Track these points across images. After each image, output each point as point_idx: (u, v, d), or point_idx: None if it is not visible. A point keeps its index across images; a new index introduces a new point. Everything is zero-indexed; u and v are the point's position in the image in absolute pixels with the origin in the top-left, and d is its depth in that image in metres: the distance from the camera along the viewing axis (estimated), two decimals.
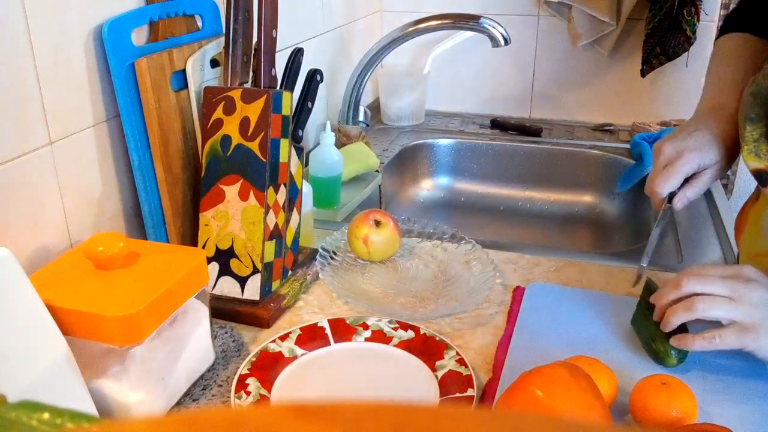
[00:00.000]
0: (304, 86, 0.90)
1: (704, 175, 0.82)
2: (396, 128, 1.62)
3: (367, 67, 1.40)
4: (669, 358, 0.70)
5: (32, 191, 0.72)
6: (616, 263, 0.94)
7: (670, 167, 0.81)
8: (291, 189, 0.86)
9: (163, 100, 0.81)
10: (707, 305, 0.67)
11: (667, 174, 0.81)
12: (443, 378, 0.71)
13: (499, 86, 1.70)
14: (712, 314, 0.67)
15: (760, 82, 0.75)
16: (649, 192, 0.84)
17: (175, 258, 0.67)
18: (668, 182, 0.81)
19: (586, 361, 0.65)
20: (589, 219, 1.49)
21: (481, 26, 1.32)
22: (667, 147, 0.83)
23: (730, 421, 0.63)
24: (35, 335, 0.54)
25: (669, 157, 0.82)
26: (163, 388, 0.65)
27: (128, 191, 0.86)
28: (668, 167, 0.82)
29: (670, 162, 0.82)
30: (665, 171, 0.82)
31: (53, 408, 0.27)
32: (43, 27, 0.71)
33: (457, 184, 1.59)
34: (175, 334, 0.67)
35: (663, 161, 0.83)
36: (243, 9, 0.84)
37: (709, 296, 0.67)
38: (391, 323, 0.79)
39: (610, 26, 1.50)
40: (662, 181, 0.81)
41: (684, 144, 0.82)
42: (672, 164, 0.81)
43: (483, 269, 0.90)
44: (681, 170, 0.81)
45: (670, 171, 0.81)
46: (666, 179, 0.81)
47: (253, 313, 0.81)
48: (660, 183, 0.81)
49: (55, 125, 0.74)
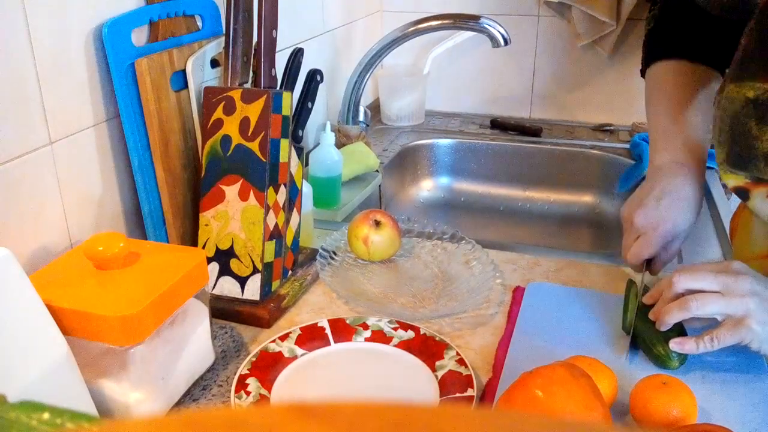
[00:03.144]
0: (304, 86, 0.90)
1: (677, 239, 0.82)
2: (396, 128, 1.62)
3: (367, 67, 1.40)
4: (671, 361, 0.70)
5: (32, 191, 0.72)
6: (616, 263, 0.94)
7: (644, 237, 0.81)
8: (291, 189, 0.86)
9: (163, 100, 0.81)
10: (701, 303, 0.68)
11: (642, 245, 0.80)
12: (443, 378, 0.71)
13: (499, 86, 1.70)
14: (706, 311, 0.68)
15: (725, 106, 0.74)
16: (624, 259, 0.83)
17: (175, 258, 0.67)
18: (643, 253, 0.81)
19: (586, 361, 0.65)
20: (589, 219, 1.49)
21: (481, 26, 1.32)
22: (639, 218, 0.81)
23: (730, 420, 0.63)
24: (35, 335, 0.54)
25: (641, 227, 0.81)
26: (163, 388, 0.65)
27: (128, 191, 0.86)
28: (642, 237, 0.81)
29: (644, 232, 0.81)
30: (640, 242, 0.81)
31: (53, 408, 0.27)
32: (43, 27, 0.71)
33: (457, 184, 1.59)
34: (175, 334, 0.67)
35: (635, 232, 0.82)
36: (243, 9, 0.84)
37: (702, 294, 0.68)
38: (391, 323, 0.79)
39: (610, 26, 1.50)
40: (638, 252, 0.81)
41: (655, 214, 0.81)
42: (646, 235, 0.80)
43: (483, 269, 0.90)
44: (656, 243, 0.80)
45: (645, 243, 0.80)
46: (641, 250, 0.81)
47: (253, 313, 0.81)
48: (636, 254, 0.81)
49: (55, 125, 0.74)
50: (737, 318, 0.67)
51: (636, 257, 0.81)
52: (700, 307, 0.68)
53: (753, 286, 0.67)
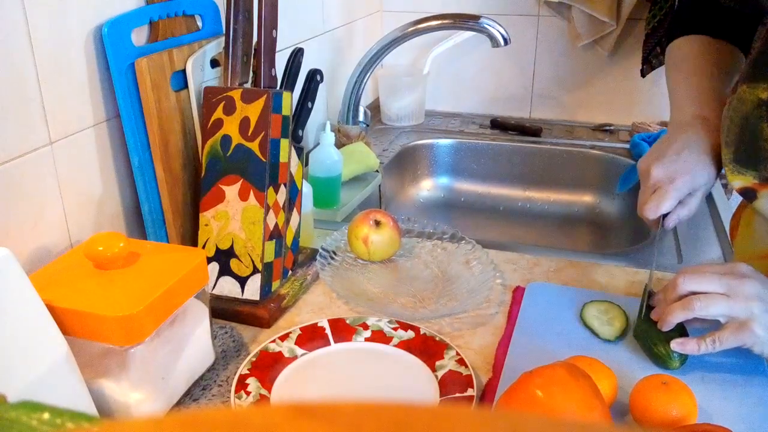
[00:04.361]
0: (304, 86, 0.90)
1: (696, 195, 0.80)
2: (396, 128, 1.62)
3: (367, 67, 1.40)
4: (671, 361, 0.70)
5: (32, 191, 0.72)
6: (616, 263, 0.94)
7: (661, 191, 0.78)
8: (291, 189, 0.86)
9: (163, 100, 0.81)
10: (704, 304, 0.67)
11: (659, 198, 0.78)
12: (443, 378, 0.71)
13: (499, 86, 1.70)
14: (709, 312, 0.67)
15: (736, 106, 0.74)
16: (641, 215, 0.81)
17: (175, 258, 0.67)
18: (660, 207, 0.78)
19: (586, 361, 0.65)
20: (589, 219, 1.49)
21: (481, 26, 1.32)
22: (657, 170, 0.79)
23: (730, 421, 0.63)
24: (35, 335, 0.54)
25: (659, 180, 0.79)
26: (163, 388, 0.65)
27: (128, 191, 0.86)
28: (659, 191, 0.78)
29: (661, 185, 0.79)
30: (657, 195, 0.78)
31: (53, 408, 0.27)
32: (43, 27, 0.71)
33: (457, 184, 1.59)
34: (175, 334, 0.67)
35: (653, 185, 0.80)
36: (243, 9, 0.84)
37: (706, 295, 0.68)
38: (391, 323, 0.79)
39: (610, 26, 1.50)
40: (654, 206, 0.78)
41: (674, 167, 0.78)
42: (663, 188, 0.78)
43: (483, 269, 0.90)
44: (673, 195, 0.78)
45: (662, 195, 0.78)
46: (658, 204, 0.78)
47: (253, 313, 0.81)
48: (652, 207, 0.78)
49: (55, 125, 0.74)
50: (740, 321, 0.66)
51: (652, 211, 0.78)
52: (704, 308, 0.67)
53: (758, 289, 0.67)
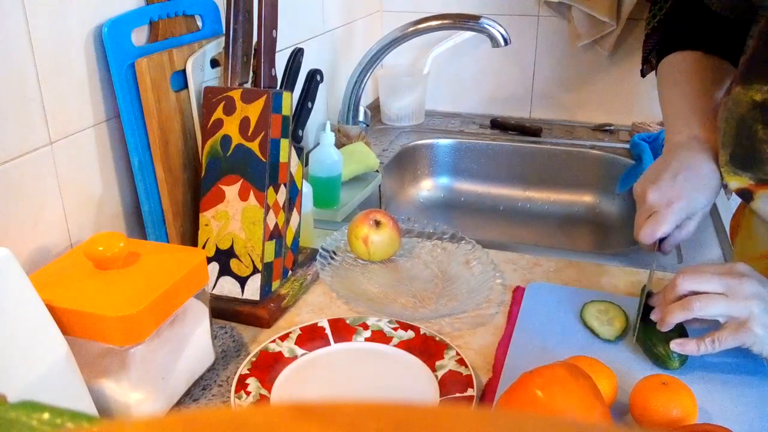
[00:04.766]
0: (304, 86, 0.90)
1: (693, 218, 0.79)
2: (396, 128, 1.62)
3: (367, 67, 1.40)
4: (671, 362, 0.70)
5: (32, 191, 0.72)
6: (616, 263, 0.94)
7: (657, 215, 0.76)
8: (291, 189, 0.86)
9: (163, 100, 0.81)
10: (703, 304, 0.67)
11: (655, 223, 0.76)
12: (443, 378, 0.71)
13: (499, 86, 1.70)
14: (708, 312, 0.67)
15: (731, 108, 0.73)
16: (636, 239, 0.79)
17: (175, 258, 0.67)
18: (656, 232, 0.76)
19: (586, 361, 0.65)
20: (589, 219, 1.49)
21: (481, 26, 1.32)
22: (653, 194, 0.77)
23: (730, 421, 0.63)
24: (35, 335, 0.54)
25: (655, 204, 0.77)
26: (163, 388, 0.65)
27: (128, 191, 0.86)
28: (655, 215, 0.76)
29: (658, 209, 0.77)
30: (653, 220, 0.76)
31: (53, 408, 0.27)
32: (43, 27, 0.71)
33: (457, 184, 1.59)
34: (175, 334, 0.67)
35: (648, 208, 0.78)
36: (243, 9, 0.84)
37: (705, 295, 0.68)
38: (391, 323, 0.79)
39: (610, 26, 1.50)
40: (650, 231, 0.76)
41: (670, 191, 0.76)
42: (660, 212, 0.76)
43: (483, 269, 0.90)
44: (670, 220, 0.76)
45: (659, 221, 0.76)
46: (654, 229, 0.76)
47: (253, 313, 0.81)
48: (648, 233, 0.76)
49: (55, 125, 0.74)
50: (740, 321, 0.66)
51: (648, 236, 0.76)
52: (703, 308, 0.67)
53: (757, 289, 0.66)
